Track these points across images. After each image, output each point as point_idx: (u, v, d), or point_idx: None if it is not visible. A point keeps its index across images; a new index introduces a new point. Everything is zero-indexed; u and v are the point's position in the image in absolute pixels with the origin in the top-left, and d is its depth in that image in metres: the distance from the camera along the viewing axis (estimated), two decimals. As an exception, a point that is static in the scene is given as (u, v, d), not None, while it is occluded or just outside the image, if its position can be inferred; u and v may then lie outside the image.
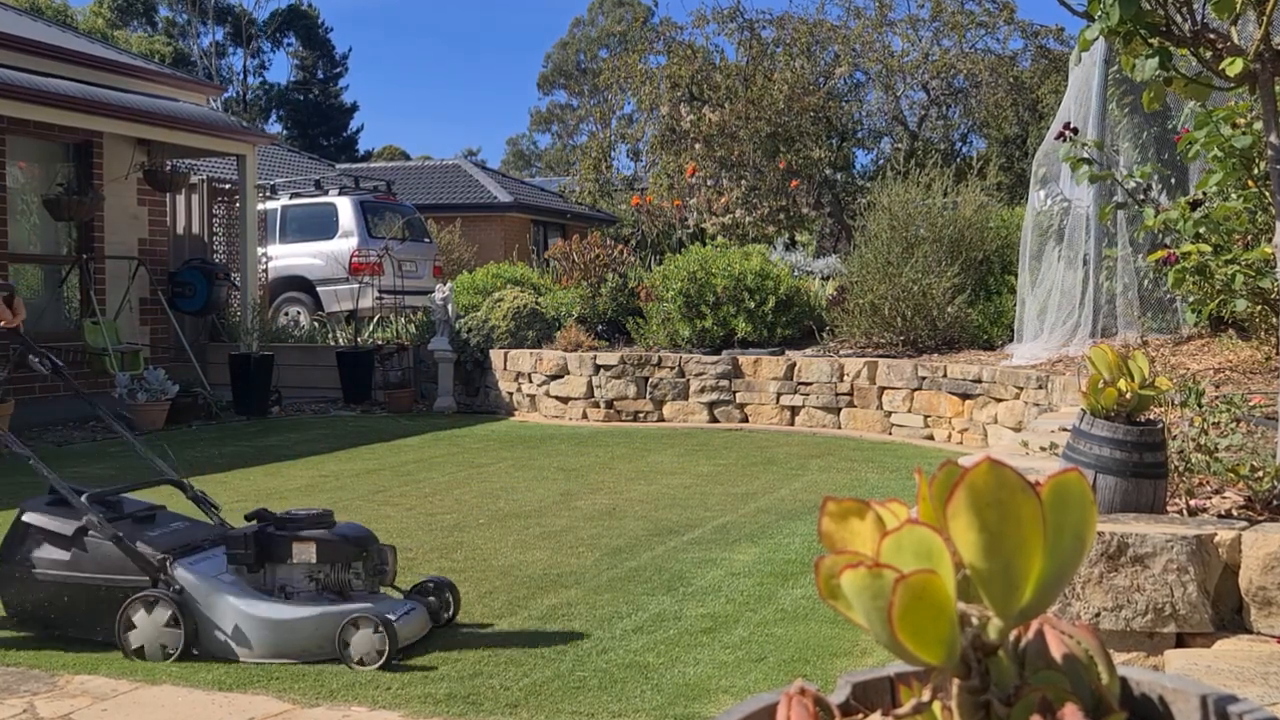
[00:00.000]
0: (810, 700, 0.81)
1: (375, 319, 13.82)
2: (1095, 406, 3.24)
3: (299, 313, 15.11)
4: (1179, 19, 3.46)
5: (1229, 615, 2.99)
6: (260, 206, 14.02)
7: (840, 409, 10.13)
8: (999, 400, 8.68)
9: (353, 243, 15.12)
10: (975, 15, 18.94)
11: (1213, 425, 3.65)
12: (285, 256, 15.18)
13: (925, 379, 9.57)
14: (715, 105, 17.88)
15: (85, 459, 8.65)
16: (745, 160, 17.42)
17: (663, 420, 10.68)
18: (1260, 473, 3.34)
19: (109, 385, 10.47)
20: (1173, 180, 7.43)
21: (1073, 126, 6.24)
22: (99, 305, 11.47)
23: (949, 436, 9.36)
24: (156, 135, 11.52)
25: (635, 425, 10.59)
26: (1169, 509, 3.28)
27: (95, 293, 11.50)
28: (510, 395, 11.45)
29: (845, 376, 10.09)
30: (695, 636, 4.23)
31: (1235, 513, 3.23)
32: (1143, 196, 6.57)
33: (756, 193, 17.06)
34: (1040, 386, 7.87)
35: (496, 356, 11.50)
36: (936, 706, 0.78)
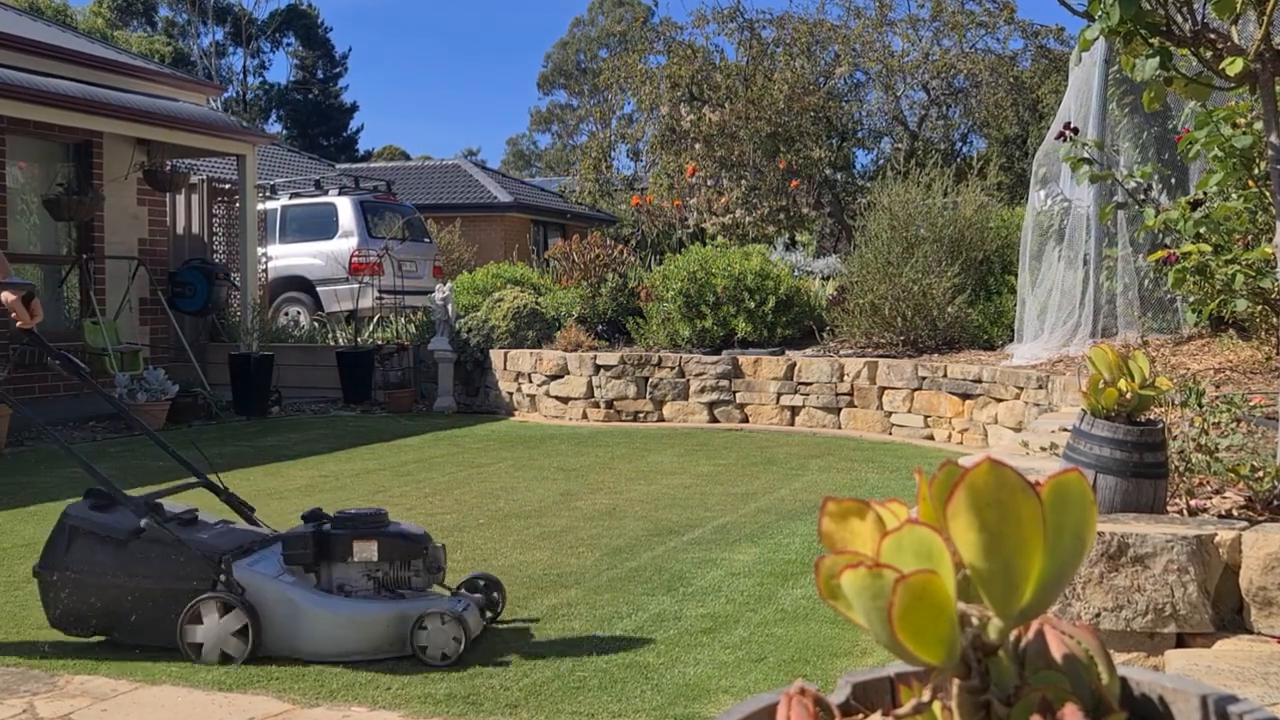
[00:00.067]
0: (810, 700, 0.80)
1: (375, 319, 13.82)
2: (1095, 406, 3.24)
3: (299, 313, 15.11)
4: (1179, 19, 3.46)
5: (1229, 615, 2.99)
6: (260, 206, 14.02)
7: (840, 409, 10.13)
8: (999, 400, 8.68)
9: (353, 243, 15.12)
10: (975, 15, 18.94)
11: (1213, 425, 3.65)
12: (285, 256, 15.18)
13: (925, 379, 9.57)
14: (715, 105, 17.88)
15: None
16: (745, 160, 17.42)
17: (663, 420, 10.68)
18: (1261, 473, 3.34)
19: (109, 385, 10.47)
20: (1173, 180, 7.43)
21: (1073, 126, 6.24)
22: (99, 305, 11.47)
23: (949, 437, 9.36)
24: (156, 135, 11.52)
25: (635, 425, 10.59)
26: (1169, 509, 3.28)
27: (95, 293, 11.50)
28: (510, 395, 11.45)
29: (845, 376, 10.09)
30: (695, 636, 4.23)
31: (1236, 513, 3.23)
32: (1143, 196, 6.57)
33: (756, 193, 17.06)
34: (1040, 386, 7.87)
35: (496, 356, 11.50)
36: (936, 706, 0.78)
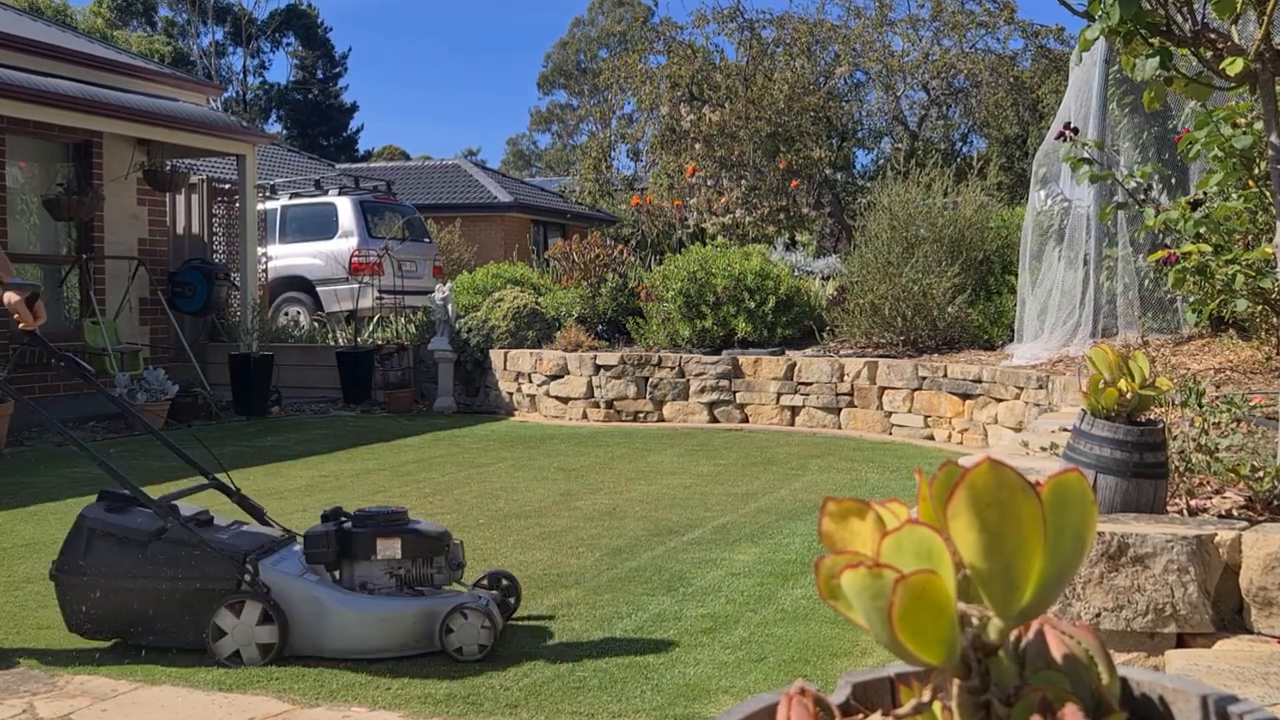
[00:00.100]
0: (810, 700, 0.80)
1: (375, 319, 13.82)
2: (1096, 406, 3.24)
3: (299, 313, 15.11)
4: (1179, 19, 3.46)
5: (1229, 615, 2.99)
6: (260, 206, 14.02)
7: (840, 409, 10.13)
8: (999, 400, 8.68)
9: (353, 243, 15.12)
10: (975, 15, 18.94)
11: (1213, 425, 3.65)
12: (285, 256, 15.18)
13: (925, 379, 9.56)
14: (715, 105, 17.88)
15: (84, 459, 8.60)
16: (745, 160, 17.42)
17: (663, 420, 10.68)
18: (1261, 473, 3.33)
19: (109, 385, 10.46)
20: (1173, 180, 7.43)
21: (1073, 126, 6.24)
22: (99, 305, 11.47)
23: (949, 437, 9.36)
24: (156, 135, 11.52)
25: (635, 425, 10.59)
26: (1169, 509, 3.28)
27: (95, 293, 11.50)
28: (510, 395, 11.45)
29: (845, 376, 10.09)
30: (695, 636, 4.23)
31: (1236, 513, 3.23)
32: (1143, 196, 6.57)
33: (756, 193, 17.06)
34: (1041, 386, 7.87)
35: (496, 356, 11.50)
36: (936, 707, 0.78)
